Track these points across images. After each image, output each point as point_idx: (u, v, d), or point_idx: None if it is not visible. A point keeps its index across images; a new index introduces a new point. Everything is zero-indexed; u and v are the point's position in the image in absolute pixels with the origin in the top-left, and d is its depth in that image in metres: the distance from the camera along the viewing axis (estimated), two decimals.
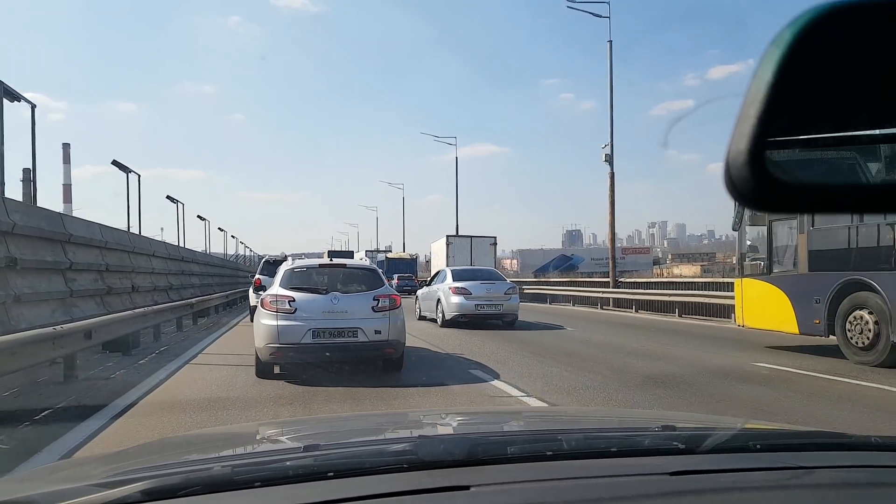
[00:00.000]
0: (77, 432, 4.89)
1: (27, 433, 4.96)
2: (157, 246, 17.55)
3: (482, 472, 1.13)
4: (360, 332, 7.37)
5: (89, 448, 4.46)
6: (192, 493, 1.01)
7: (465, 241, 30.45)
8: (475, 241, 30.46)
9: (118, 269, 12.42)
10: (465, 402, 6.28)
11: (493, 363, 8.51)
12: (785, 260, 9.72)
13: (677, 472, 1.14)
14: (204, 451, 1.64)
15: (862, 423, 5.28)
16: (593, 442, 1.42)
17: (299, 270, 8.01)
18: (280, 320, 7.24)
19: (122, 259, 13.05)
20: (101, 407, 5.83)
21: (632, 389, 6.85)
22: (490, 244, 30.58)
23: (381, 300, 7.61)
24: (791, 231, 9.56)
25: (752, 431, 1.60)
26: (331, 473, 1.11)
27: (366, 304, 7.56)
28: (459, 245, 30.12)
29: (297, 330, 7.21)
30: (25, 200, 12.60)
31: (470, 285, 14.13)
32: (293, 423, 3.26)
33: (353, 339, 7.36)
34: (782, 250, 9.79)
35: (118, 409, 5.75)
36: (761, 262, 10.13)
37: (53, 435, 4.81)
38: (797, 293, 9.30)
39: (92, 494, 1.00)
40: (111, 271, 11.95)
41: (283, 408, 5.99)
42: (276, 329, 7.18)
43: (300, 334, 7.20)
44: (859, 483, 1.20)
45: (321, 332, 7.27)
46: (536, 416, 2.90)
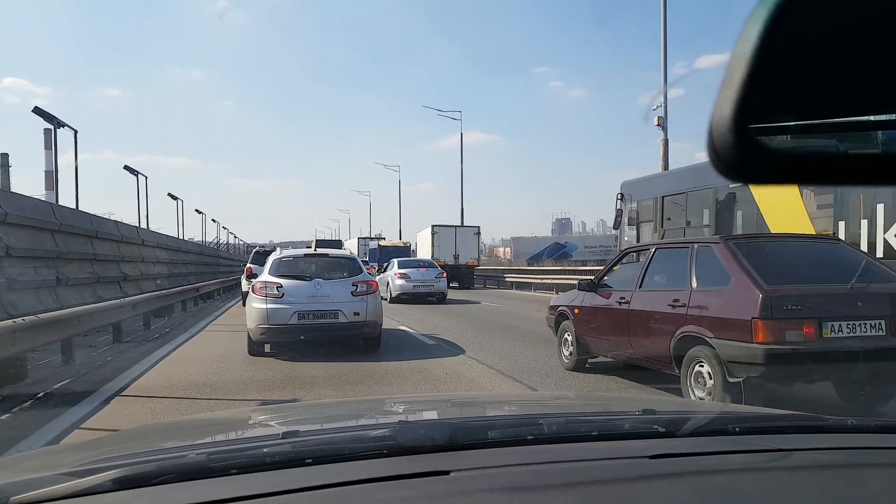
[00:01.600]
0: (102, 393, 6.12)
1: (30, 413, 5.23)
2: (147, 235, 17.83)
3: (463, 456, 1.13)
4: (341, 314, 8.26)
5: (98, 419, 4.99)
6: (166, 481, 1.00)
7: (449, 230, 30.84)
8: (459, 230, 31.08)
9: (130, 259, 13.96)
10: (397, 343, 9.27)
11: (415, 322, 11.89)
12: None
13: (657, 455, 1.15)
14: (180, 439, 1.62)
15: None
16: (574, 426, 1.42)
17: (286, 259, 9.00)
18: (269, 304, 8.14)
19: (130, 250, 14.18)
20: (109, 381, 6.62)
21: (488, 332, 10.68)
22: (474, 234, 31.28)
23: (359, 286, 8.54)
24: (650, 232, 12.67)
25: (731, 415, 1.60)
26: (309, 460, 1.10)
27: (346, 290, 8.45)
28: (444, 234, 30.48)
29: (284, 312, 8.13)
30: (4, 186, 14.21)
31: (410, 271, 19.10)
32: (272, 409, 3.20)
33: (334, 321, 8.25)
34: None
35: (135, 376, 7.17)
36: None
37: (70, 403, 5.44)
38: None
39: (61, 483, 0.98)
40: (125, 261, 13.27)
41: (274, 390, 6.21)
42: (266, 312, 8.10)
43: (287, 316, 8.12)
44: (837, 465, 1.21)
45: (306, 314, 8.17)
46: (517, 401, 2.91)
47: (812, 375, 4.94)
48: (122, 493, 0.97)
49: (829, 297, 4.78)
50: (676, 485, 1.09)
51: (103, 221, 13.06)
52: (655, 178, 12.97)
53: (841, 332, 4.58)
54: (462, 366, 7.53)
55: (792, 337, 4.56)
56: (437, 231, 30.56)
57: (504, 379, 6.70)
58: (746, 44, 0.51)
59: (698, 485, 1.09)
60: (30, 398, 5.61)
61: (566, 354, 7.26)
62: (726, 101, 0.53)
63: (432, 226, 30.98)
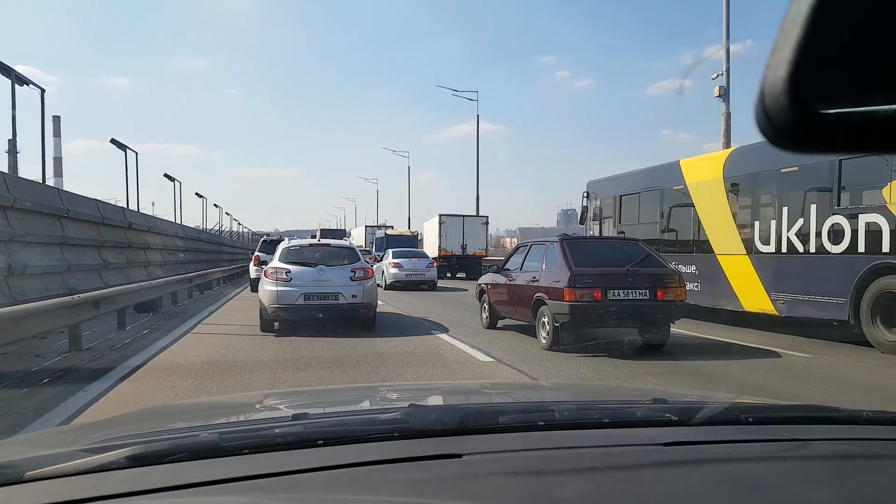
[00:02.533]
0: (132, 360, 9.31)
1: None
2: (164, 225, 19.47)
3: (474, 440, 1.13)
4: (341, 296, 9.47)
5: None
6: (179, 459, 1.01)
7: (457, 220, 29.92)
8: (467, 220, 30.18)
9: (155, 248, 16.31)
10: (398, 323, 10.80)
11: (414, 309, 13.34)
12: None
13: (670, 443, 1.14)
14: (191, 420, 1.64)
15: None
16: (585, 413, 1.43)
17: (294, 248, 10.28)
18: (279, 286, 9.36)
19: (139, 236, 15.47)
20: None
21: (467, 313, 12.19)
22: (482, 223, 30.47)
23: (357, 272, 9.76)
24: (611, 227, 14.23)
25: (744, 405, 1.60)
26: (321, 441, 1.10)
27: (345, 275, 9.65)
28: (452, 224, 29.66)
29: (292, 294, 9.33)
30: (11, 172, 14.47)
31: (402, 261, 20.87)
32: (282, 393, 3.24)
33: (335, 302, 9.44)
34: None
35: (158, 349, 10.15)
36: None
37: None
38: None
39: (78, 459, 1.00)
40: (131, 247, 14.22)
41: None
42: (277, 293, 9.32)
43: (294, 297, 9.32)
44: (852, 455, 1.20)
45: (311, 296, 9.38)
46: (528, 388, 2.87)
47: (601, 321, 8.05)
48: (136, 469, 0.98)
49: (613, 275, 7.89)
50: (691, 472, 1.07)
51: (133, 214, 14.98)
52: (616, 179, 14.47)
53: (618, 296, 7.79)
54: (440, 340, 9.15)
55: (587, 298, 7.72)
56: (445, 221, 29.72)
57: (474, 350, 8.23)
58: (801, 4, 0.49)
59: (713, 473, 1.07)
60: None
61: (484, 318, 10.50)
62: (780, 63, 0.50)
63: (440, 215, 30.06)
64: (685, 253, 11.82)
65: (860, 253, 8.39)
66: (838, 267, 8.65)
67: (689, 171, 11.82)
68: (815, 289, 9.04)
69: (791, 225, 9.51)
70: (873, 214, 8.25)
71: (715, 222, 11.09)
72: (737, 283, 10.49)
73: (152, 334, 9.44)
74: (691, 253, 11.66)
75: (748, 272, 10.23)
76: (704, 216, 11.36)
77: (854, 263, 8.41)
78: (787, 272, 9.54)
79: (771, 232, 9.85)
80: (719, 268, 10.87)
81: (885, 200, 8.10)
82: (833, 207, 8.81)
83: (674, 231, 12.39)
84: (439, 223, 29.65)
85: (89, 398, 5.28)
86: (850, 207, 8.63)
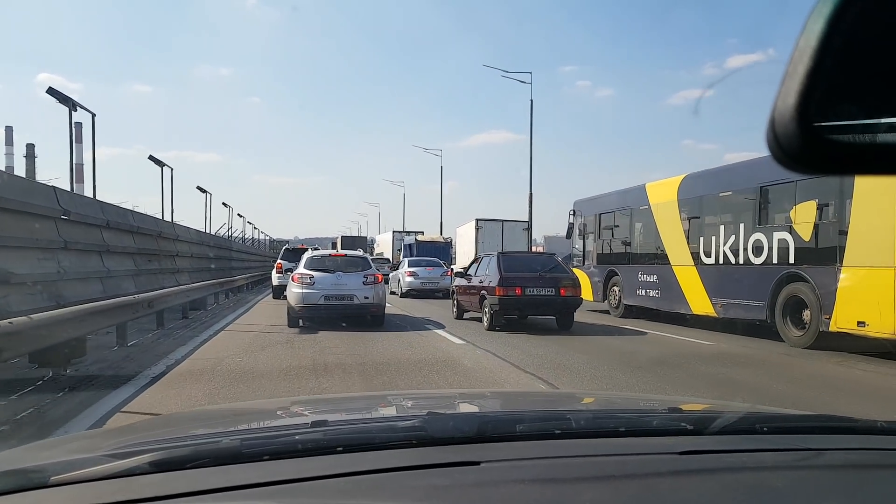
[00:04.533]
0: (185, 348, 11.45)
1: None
2: (192, 234, 20.23)
3: (492, 448, 1.14)
4: (355, 298, 11.46)
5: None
6: (201, 465, 1.03)
7: (495, 225, 28.11)
8: (507, 225, 28.16)
9: (183, 255, 18.42)
10: (410, 330, 12.71)
11: (420, 312, 15.23)
12: (588, 258, 16.30)
13: (686, 451, 1.15)
14: (212, 426, 1.68)
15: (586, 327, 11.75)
16: (602, 421, 1.44)
17: (317, 257, 12.43)
18: (304, 289, 11.35)
19: (181, 246, 17.57)
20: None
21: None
22: (523, 229, 27.93)
23: (368, 277, 11.74)
24: (592, 241, 16.07)
25: (759, 414, 1.57)
26: (340, 448, 1.12)
27: (359, 280, 11.64)
28: (489, 230, 27.90)
29: (315, 295, 11.33)
30: (29, 176, 14.67)
31: (418, 270, 21.95)
32: (300, 400, 3.31)
33: (350, 302, 11.45)
34: (588, 252, 16.34)
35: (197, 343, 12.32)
36: (581, 258, 16.68)
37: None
38: (592, 277, 15.86)
39: (101, 465, 1.02)
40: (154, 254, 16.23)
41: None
42: (302, 294, 11.31)
43: (317, 298, 11.32)
44: (869, 465, 1.20)
45: (330, 297, 11.37)
46: (543, 397, 2.93)
47: (521, 309, 11.56)
48: (159, 475, 1.00)
49: (530, 278, 11.50)
50: (708, 481, 1.08)
51: (164, 223, 16.89)
52: (597, 199, 16.30)
53: (533, 292, 11.37)
54: (439, 337, 11.08)
55: (510, 293, 11.30)
56: (482, 226, 28.00)
57: (447, 334, 10.37)
58: (810, 37, 0.52)
59: (729, 482, 1.08)
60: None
61: (454, 311, 13.87)
62: (790, 91, 0.54)
63: (476, 220, 28.34)
64: (650, 264, 13.61)
65: (774, 263, 10.15)
66: (759, 275, 10.41)
67: (652, 194, 13.65)
68: (742, 294, 10.80)
69: (726, 240, 11.30)
70: (784, 232, 10.01)
71: (671, 238, 12.89)
72: (687, 290, 12.27)
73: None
74: (654, 264, 13.45)
75: (695, 281, 12.01)
76: (664, 233, 13.16)
77: (770, 272, 10.17)
78: (723, 280, 11.31)
79: (712, 246, 11.64)
80: (674, 277, 12.65)
81: (792, 220, 9.87)
82: (756, 226, 10.59)
83: (641, 245, 14.20)
84: (476, 229, 28.06)
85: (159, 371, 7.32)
86: (767, 226, 10.40)
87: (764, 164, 10.25)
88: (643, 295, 13.72)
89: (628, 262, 14.52)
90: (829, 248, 9.17)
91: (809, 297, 9.41)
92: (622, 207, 14.86)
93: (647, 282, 13.55)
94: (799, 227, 9.71)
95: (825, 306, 9.05)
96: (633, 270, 14.12)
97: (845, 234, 8.81)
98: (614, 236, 15.20)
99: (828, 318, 8.98)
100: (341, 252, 13.90)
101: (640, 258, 14.09)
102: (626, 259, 14.63)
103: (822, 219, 9.39)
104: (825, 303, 9.05)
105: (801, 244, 9.67)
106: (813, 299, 9.31)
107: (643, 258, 13.98)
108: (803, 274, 9.55)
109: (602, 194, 16.21)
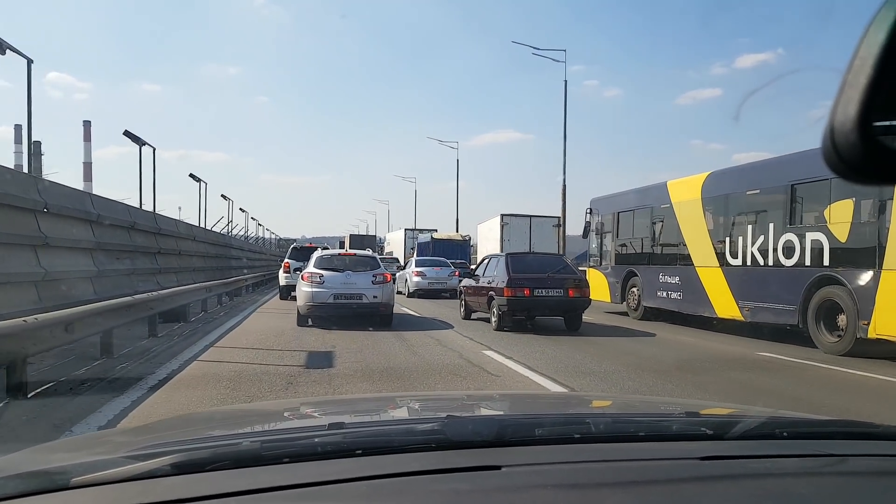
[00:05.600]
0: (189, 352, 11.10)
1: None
2: (211, 235, 20.93)
3: (512, 452, 1.13)
4: (364, 297, 11.45)
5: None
6: (221, 468, 1.02)
7: (522, 221, 25.90)
8: (535, 221, 25.97)
9: (200, 254, 17.94)
10: (419, 329, 12.37)
11: (428, 311, 14.82)
12: (605, 257, 15.79)
13: (707, 457, 1.13)
14: (230, 427, 1.68)
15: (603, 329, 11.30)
16: (621, 426, 1.44)
17: (326, 256, 12.44)
18: (314, 287, 11.35)
19: (197, 247, 17.60)
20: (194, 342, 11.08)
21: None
22: (553, 225, 25.71)
23: (377, 276, 11.70)
24: (610, 241, 15.57)
25: (779, 419, 1.55)
26: (359, 451, 1.11)
27: (368, 279, 11.61)
28: (516, 226, 25.78)
29: (324, 294, 11.34)
30: (35, 173, 13.39)
31: (425, 269, 21.91)
32: (316, 402, 3.25)
33: (359, 301, 11.42)
34: (605, 252, 15.83)
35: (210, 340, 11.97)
36: (598, 258, 16.17)
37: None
38: (609, 278, 15.36)
39: (122, 466, 1.02)
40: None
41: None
42: (312, 293, 11.31)
43: (326, 297, 11.33)
44: (890, 472, 1.19)
45: (339, 296, 11.36)
46: (562, 400, 2.94)
47: (529, 310, 11.51)
48: (180, 477, 1.00)
49: (538, 279, 11.41)
50: (731, 487, 1.06)
51: (181, 224, 16.77)
52: (614, 197, 15.80)
53: (541, 293, 11.30)
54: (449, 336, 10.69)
55: (519, 294, 11.25)
56: (508, 222, 25.85)
57: (455, 334, 10.42)
58: (871, 46, 0.52)
59: (752, 488, 1.06)
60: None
61: (462, 311, 13.76)
62: (850, 101, 0.54)
63: (501, 215, 26.16)
64: (671, 265, 13.11)
65: (807, 265, 9.64)
66: (790, 278, 9.90)
67: (674, 192, 13.14)
68: (772, 297, 10.29)
69: (754, 240, 10.79)
70: (817, 232, 9.50)
71: (695, 238, 12.39)
72: (712, 293, 11.76)
73: None
74: (676, 265, 12.95)
75: (721, 283, 11.51)
76: (686, 232, 12.66)
77: (802, 275, 9.66)
78: (751, 283, 10.80)
79: (739, 246, 11.13)
80: (698, 279, 12.15)
81: (826, 220, 9.35)
82: (786, 226, 10.08)
83: (662, 245, 13.69)
84: (501, 225, 25.89)
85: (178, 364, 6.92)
86: (799, 225, 9.89)
87: (794, 160, 9.78)
88: (664, 297, 13.22)
89: (648, 263, 14.02)
90: (867, 249, 8.66)
91: (846, 302, 8.90)
92: (642, 206, 14.35)
93: (669, 283, 13.04)
94: (834, 227, 9.20)
95: (863, 311, 8.54)
96: (654, 271, 13.62)
97: (886, 234, 8.31)
98: (633, 236, 14.69)
99: (866, 323, 8.48)
100: (351, 251, 13.80)
101: (661, 258, 13.58)
102: (646, 259, 14.13)
103: (860, 218, 8.88)
104: (863, 308, 8.55)
105: (836, 245, 9.16)
106: (850, 304, 8.80)
107: (664, 258, 13.48)
108: (839, 277, 9.04)
109: (620, 192, 15.71)
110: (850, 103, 0.54)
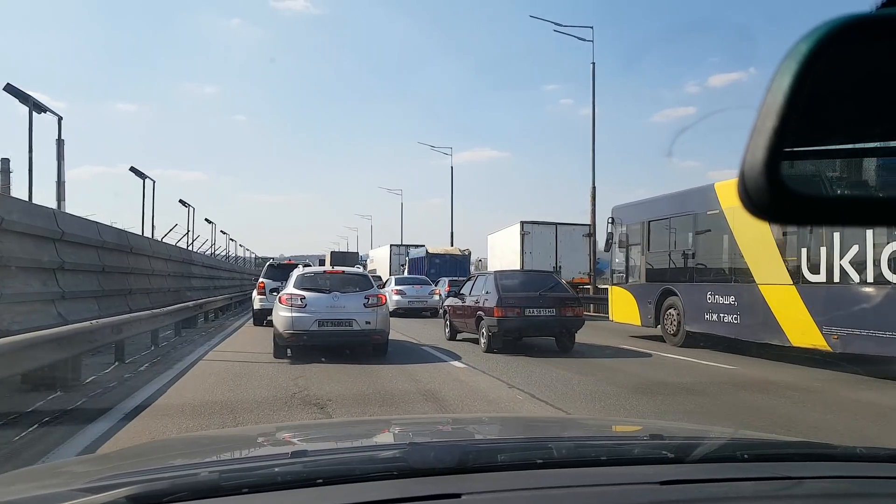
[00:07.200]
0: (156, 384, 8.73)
1: None
2: (196, 256, 19.88)
3: (473, 479, 1.13)
4: (354, 322, 9.49)
5: None
6: (179, 500, 1.00)
7: (547, 230, 22.43)
8: (562, 229, 22.53)
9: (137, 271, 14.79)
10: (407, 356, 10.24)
11: (412, 332, 12.57)
12: (633, 273, 13.65)
13: (667, 481, 1.15)
14: (190, 456, 1.63)
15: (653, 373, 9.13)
16: (583, 450, 1.45)
17: (308, 275, 10.35)
18: (294, 312, 9.37)
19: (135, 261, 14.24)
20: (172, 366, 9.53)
21: None
22: (584, 235, 22.33)
23: (370, 298, 9.78)
24: (638, 254, 13.44)
25: (740, 441, 1.60)
26: (320, 480, 1.10)
27: (359, 302, 9.66)
28: (539, 236, 22.28)
29: (306, 320, 9.36)
30: (4, 190, 13.55)
31: (405, 288, 21.17)
32: (282, 428, 3.20)
33: (348, 328, 9.47)
34: (633, 267, 13.69)
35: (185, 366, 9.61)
36: (623, 274, 14.03)
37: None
38: (639, 297, 13.21)
39: (75, 500, 0.98)
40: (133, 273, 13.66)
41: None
42: (291, 319, 9.33)
43: (309, 323, 9.35)
44: (847, 494, 1.22)
45: (325, 322, 9.40)
46: (526, 424, 3.03)
47: (521, 331, 10.88)
48: None
49: (529, 298, 10.77)
50: None
51: (156, 243, 14.80)
52: (643, 204, 13.73)
53: (532, 313, 10.68)
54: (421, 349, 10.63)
55: (510, 314, 10.60)
56: (530, 230, 22.26)
57: (441, 354, 10.46)
58: (777, 92, 0.53)
59: None
60: None
61: (446, 332, 13.02)
62: (758, 147, 0.54)
63: (521, 223, 22.48)
64: (721, 282, 11.02)
65: None
66: None
67: (725, 196, 11.03)
68: (871, 322, 8.20)
69: (843, 252, 8.70)
70: None
71: (756, 249, 10.29)
72: (782, 316, 9.65)
73: None
74: (730, 282, 10.85)
75: (796, 303, 9.39)
76: (743, 243, 10.56)
77: None
78: (839, 304, 8.71)
79: (821, 259, 9.04)
80: (762, 299, 10.04)
81: None
82: (893, 233, 8.01)
83: (709, 259, 11.59)
84: (521, 234, 22.23)
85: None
86: None
87: None
88: (714, 320, 11.08)
89: (690, 280, 11.91)
90: None
91: None
92: (680, 213, 12.24)
93: (721, 304, 10.92)
94: None
95: None
96: (699, 290, 11.50)
97: None
98: (670, 248, 12.58)
99: None
100: (338, 269, 11.67)
101: (708, 274, 11.48)
102: (688, 275, 12.02)
103: None
104: None
105: None
106: None
107: (712, 274, 11.38)
108: None
109: (649, 198, 13.63)
110: (757, 149, 0.55)
